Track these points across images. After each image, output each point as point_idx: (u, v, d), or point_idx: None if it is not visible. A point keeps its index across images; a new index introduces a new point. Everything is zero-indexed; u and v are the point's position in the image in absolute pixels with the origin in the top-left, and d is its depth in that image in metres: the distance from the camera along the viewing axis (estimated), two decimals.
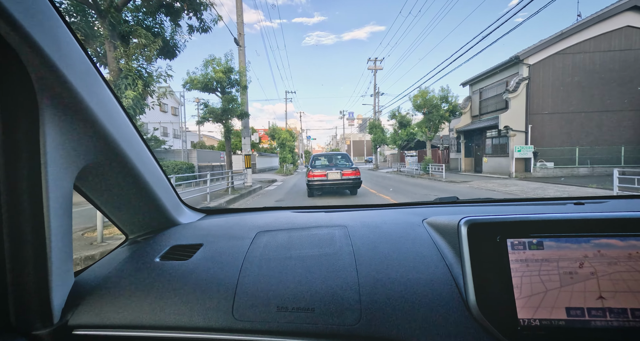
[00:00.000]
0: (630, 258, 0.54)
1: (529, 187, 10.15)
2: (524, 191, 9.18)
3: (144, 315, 0.61)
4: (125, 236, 0.92)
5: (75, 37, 0.57)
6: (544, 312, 0.53)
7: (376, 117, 31.05)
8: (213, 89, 10.07)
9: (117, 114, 0.68)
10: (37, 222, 0.54)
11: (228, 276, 0.67)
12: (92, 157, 0.64)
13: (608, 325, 0.52)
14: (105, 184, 0.74)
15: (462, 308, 0.57)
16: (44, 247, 0.55)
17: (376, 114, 31.74)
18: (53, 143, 0.54)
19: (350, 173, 8.13)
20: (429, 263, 0.66)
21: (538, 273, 0.55)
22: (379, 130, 28.40)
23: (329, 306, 0.59)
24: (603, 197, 1.05)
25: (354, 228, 0.84)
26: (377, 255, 0.70)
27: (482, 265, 0.57)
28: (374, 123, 29.17)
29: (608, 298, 0.53)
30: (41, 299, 0.57)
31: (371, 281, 0.63)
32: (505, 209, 1.00)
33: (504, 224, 0.59)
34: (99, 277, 0.70)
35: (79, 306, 0.63)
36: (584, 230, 0.57)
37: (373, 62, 31.64)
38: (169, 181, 0.92)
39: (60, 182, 0.57)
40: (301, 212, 1.08)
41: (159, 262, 0.74)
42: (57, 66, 0.50)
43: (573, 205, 0.96)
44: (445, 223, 0.73)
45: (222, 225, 0.94)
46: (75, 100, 0.55)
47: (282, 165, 25.31)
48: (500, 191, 9.43)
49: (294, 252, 0.74)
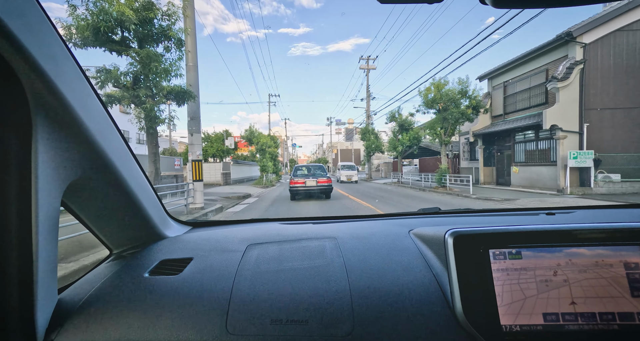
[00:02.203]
0: (597, 266, 0.59)
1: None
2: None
3: (134, 332, 0.60)
4: (109, 251, 0.88)
5: (69, 51, 0.57)
6: (524, 318, 0.57)
7: (369, 122, 27.65)
8: (114, 41, 5.53)
9: (107, 127, 0.67)
10: (25, 238, 0.53)
11: (221, 290, 0.66)
12: (82, 171, 0.63)
13: (580, 328, 0.56)
14: (93, 198, 0.72)
15: (449, 316, 0.59)
16: (30, 264, 0.54)
17: (369, 118, 28.35)
18: (44, 158, 0.53)
19: (324, 181, 10.02)
20: (417, 273, 0.68)
21: (517, 281, 0.59)
22: (373, 135, 24.98)
23: (323, 317, 0.60)
24: (571, 208, 1.09)
25: (344, 240, 0.85)
26: (367, 266, 0.72)
27: (467, 274, 0.61)
28: (367, 128, 25.77)
29: (579, 303, 0.57)
30: (25, 319, 0.55)
31: (363, 292, 0.64)
32: (485, 220, 1.04)
33: (486, 235, 0.63)
34: (84, 294, 0.68)
35: (63, 325, 0.61)
36: (557, 240, 0.62)
37: (365, 61, 28.40)
38: (156, 193, 0.91)
39: (49, 198, 0.55)
40: (289, 223, 1.08)
41: (148, 277, 0.72)
42: (53, 81, 0.50)
43: (545, 216, 1.02)
44: (431, 235, 0.75)
45: (211, 238, 0.92)
46: (69, 115, 0.55)
47: (263, 174, 21.22)
48: None
49: (286, 264, 0.74)
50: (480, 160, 15.56)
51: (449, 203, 9.29)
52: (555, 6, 0.38)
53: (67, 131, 0.56)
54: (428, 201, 9.69)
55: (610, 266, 0.59)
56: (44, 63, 0.48)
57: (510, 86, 14.02)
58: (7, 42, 0.43)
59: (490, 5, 0.38)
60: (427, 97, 13.86)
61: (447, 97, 13.16)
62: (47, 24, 0.51)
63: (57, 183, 0.57)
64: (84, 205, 0.73)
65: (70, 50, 0.57)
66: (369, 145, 24.65)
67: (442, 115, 13.57)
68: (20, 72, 0.47)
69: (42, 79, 0.48)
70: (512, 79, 13.92)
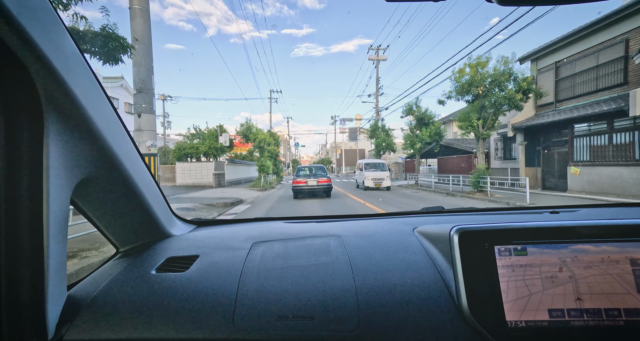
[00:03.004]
0: (602, 262, 0.59)
1: None
2: None
3: (142, 328, 0.60)
4: (115, 248, 0.88)
5: (80, 50, 0.58)
6: (529, 314, 0.57)
7: (379, 118, 24.93)
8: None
9: (116, 126, 0.67)
10: (36, 235, 0.53)
11: (227, 287, 0.67)
12: (91, 170, 0.63)
13: (585, 324, 0.56)
14: (102, 196, 0.72)
15: (455, 312, 0.59)
16: (41, 261, 0.54)
17: (379, 114, 25.63)
18: (55, 156, 0.54)
19: (324, 180, 10.76)
20: (421, 270, 0.68)
21: (523, 277, 0.59)
22: (384, 133, 22.24)
23: (329, 313, 0.61)
24: (575, 206, 1.08)
25: (348, 238, 0.85)
26: (372, 263, 0.71)
27: (472, 271, 0.61)
28: (376, 125, 23.04)
29: (585, 299, 0.57)
30: (36, 314, 0.56)
31: (368, 288, 0.64)
32: (489, 218, 1.04)
33: (491, 232, 0.63)
34: (93, 291, 0.68)
35: (73, 321, 0.61)
36: (562, 236, 0.61)
37: (375, 51, 25.74)
38: (161, 192, 0.90)
39: (59, 196, 0.56)
40: (293, 222, 1.07)
41: (155, 274, 0.72)
42: (65, 80, 0.51)
43: (549, 214, 1.02)
44: (436, 232, 0.75)
45: (216, 236, 0.92)
46: (79, 114, 0.56)
47: (261, 175, 18.62)
48: None
49: (292, 261, 0.74)
50: (521, 160, 12.77)
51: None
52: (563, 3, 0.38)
53: (78, 131, 0.57)
54: None
55: (616, 263, 0.59)
56: (57, 64, 0.49)
57: (566, 67, 11.23)
58: (24, 46, 0.44)
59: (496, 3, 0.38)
60: (461, 80, 11.14)
61: (488, 78, 10.44)
62: (61, 27, 0.52)
63: (67, 181, 0.58)
64: (93, 203, 0.73)
65: (81, 51, 0.58)
66: (379, 143, 21.85)
67: (480, 103, 10.86)
68: (35, 74, 0.48)
69: (54, 80, 0.50)
70: (567, 58, 11.13)
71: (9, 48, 0.44)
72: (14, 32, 0.42)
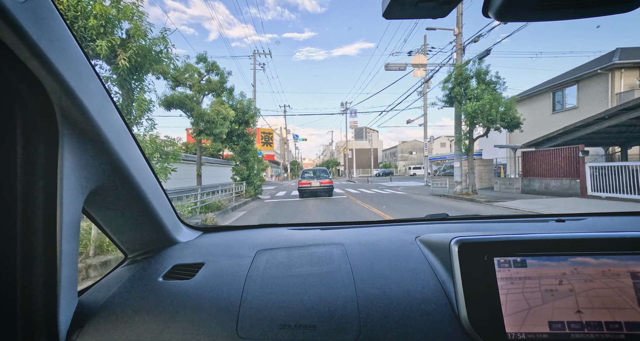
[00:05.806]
0: (603, 276, 0.58)
1: None
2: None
3: (149, 335, 0.61)
4: (124, 255, 0.89)
5: (93, 68, 0.59)
6: (529, 326, 0.56)
7: (461, 58, 11.39)
8: None
9: (126, 137, 0.69)
10: (50, 242, 0.54)
11: (231, 295, 0.67)
12: (103, 179, 0.65)
13: (586, 337, 0.55)
14: (112, 204, 0.73)
15: (455, 323, 0.59)
16: (54, 267, 0.55)
17: (461, 51, 11.35)
18: (69, 167, 0.55)
19: (326, 182, 11.89)
20: (422, 280, 0.67)
21: (522, 290, 0.58)
22: (483, 84, 10.32)
23: (330, 323, 0.61)
24: (583, 214, 1.05)
25: (351, 246, 0.84)
26: (374, 272, 0.71)
27: (472, 282, 0.60)
28: (461, 71, 10.49)
29: (586, 312, 0.56)
30: (49, 319, 0.57)
31: (369, 298, 0.64)
32: (493, 226, 1.00)
33: (491, 244, 0.62)
34: (102, 297, 0.69)
35: (83, 326, 0.62)
36: (562, 249, 0.60)
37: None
38: (168, 199, 0.90)
39: (72, 204, 0.58)
40: (297, 229, 1.07)
41: (162, 282, 0.73)
42: (78, 95, 0.53)
43: (555, 222, 0.98)
44: (437, 242, 0.74)
45: (222, 243, 0.93)
46: (92, 127, 0.57)
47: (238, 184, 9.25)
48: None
49: (295, 270, 0.74)
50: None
51: None
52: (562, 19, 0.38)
53: (90, 142, 0.59)
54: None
55: (617, 276, 0.58)
56: (71, 80, 0.51)
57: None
58: (40, 64, 0.46)
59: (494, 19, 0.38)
60: None
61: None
62: (74, 44, 0.54)
63: (80, 190, 0.60)
64: (103, 211, 0.74)
65: (93, 66, 0.59)
66: (474, 111, 9.81)
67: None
68: (50, 90, 0.50)
69: (69, 95, 0.51)
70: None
71: (26, 66, 0.46)
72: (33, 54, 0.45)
